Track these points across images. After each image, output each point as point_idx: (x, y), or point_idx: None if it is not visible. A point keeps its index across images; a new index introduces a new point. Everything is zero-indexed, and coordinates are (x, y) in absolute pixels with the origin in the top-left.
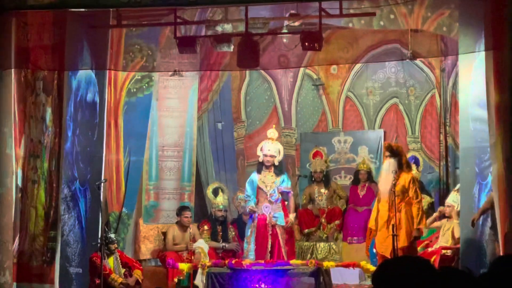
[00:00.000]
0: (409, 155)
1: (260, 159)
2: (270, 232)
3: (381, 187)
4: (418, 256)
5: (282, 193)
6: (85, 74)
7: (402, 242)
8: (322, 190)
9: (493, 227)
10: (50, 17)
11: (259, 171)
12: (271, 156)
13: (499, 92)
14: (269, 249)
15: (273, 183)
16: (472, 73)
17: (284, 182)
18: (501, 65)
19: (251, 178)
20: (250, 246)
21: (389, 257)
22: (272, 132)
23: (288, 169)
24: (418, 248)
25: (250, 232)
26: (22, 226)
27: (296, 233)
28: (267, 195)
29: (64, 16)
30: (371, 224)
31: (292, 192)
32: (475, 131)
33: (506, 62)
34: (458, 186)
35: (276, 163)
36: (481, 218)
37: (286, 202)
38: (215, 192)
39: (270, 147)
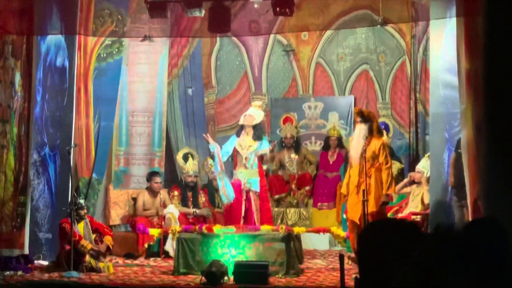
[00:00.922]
0: (379, 121)
1: (240, 121)
2: (245, 197)
3: (352, 152)
4: (403, 219)
5: (260, 156)
6: (54, 38)
7: (371, 207)
8: (293, 156)
9: (461, 193)
10: None
11: (238, 134)
12: (250, 115)
13: (470, 58)
14: (243, 214)
15: (250, 147)
16: (443, 40)
17: (262, 146)
18: (472, 31)
19: (229, 143)
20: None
21: (358, 222)
22: (256, 102)
23: None
24: (388, 214)
25: (222, 184)
26: None
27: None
28: (243, 158)
29: None
30: (343, 189)
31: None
32: (445, 98)
33: (478, 28)
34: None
35: (252, 123)
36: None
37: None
38: (185, 158)
39: (251, 111)
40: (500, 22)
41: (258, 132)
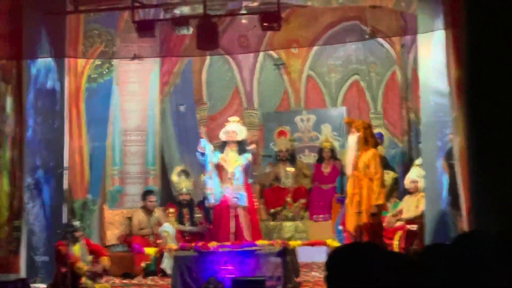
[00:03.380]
0: (374, 131)
1: (223, 138)
2: (234, 214)
3: (347, 164)
4: (369, 242)
5: (245, 169)
6: (44, 61)
7: (364, 218)
8: (288, 169)
9: (455, 202)
10: (6, 4)
11: (221, 151)
12: (233, 131)
13: (459, 67)
14: (232, 230)
15: (235, 162)
16: (432, 48)
17: (245, 158)
18: (460, 41)
19: (212, 156)
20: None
21: (354, 233)
22: (233, 118)
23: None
24: (384, 224)
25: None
26: None
27: (262, 213)
28: (228, 174)
29: (19, 3)
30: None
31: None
32: (437, 106)
33: (465, 39)
34: (419, 161)
35: (238, 139)
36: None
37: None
38: (180, 175)
39: (231, 126)
40: (479, 33)
41: (242, 147)
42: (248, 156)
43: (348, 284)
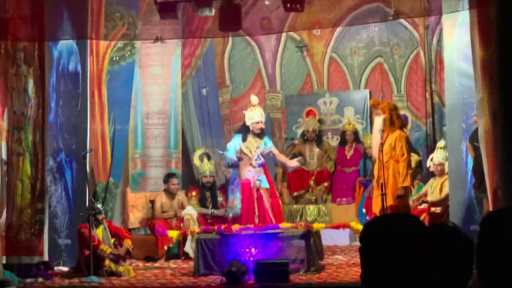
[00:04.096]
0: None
1: (247, 123)
2: (256, 196)
3: (373, 146)
4: (406, 213)
5: (266, 154)
6: (66, 44)
7: (390, 201)
8: (315, 149)
9: (480, 184)
10: None
11: (244, 139)
12: (257, 122)
13: (484, 48)
14: (257, 213)
15: (256, 148)
16: (456, 29)
17: (266, 145)
18: (485, 20)
19: (233, 144)
20: (234, 210)
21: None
22: (254, 98)
23: (274, 133)
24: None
25: (233, 196)
26: (8, 200)
27: (285, 196)
28: (251, 160)
29: None
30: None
31: (274, 149)
32: (461, 88)
33: (491, 17)
34: (441, 143)
35: (262, 127)
36: (470, 175)
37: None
38: (201, 158)
39: (254, 115)
40: (508, 13)
41: (262, 132)
42: (270, 145)
43: (384, 256)
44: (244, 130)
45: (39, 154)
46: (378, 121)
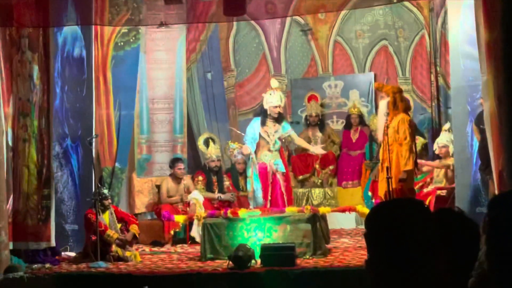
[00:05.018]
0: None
1: (265, 106)
2: (271, 181)
3: (378, 129)
4: (411, 198)
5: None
6: (70, 29)
7: (394, 184)
8: (318, 134)
9: (485, 166)
10: None
11: (263, 123)
12: (276, 107)
13: (489, 30)
14: (269, 197)
15: (275, 133)
16: (461, 11)
17: (285, 129)
18: (490, 3)
19: (252, 127)
20: (254, 194)
21: (384, 198)
22: (274, 82)
23: None
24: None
25: (251, 182)
26: (15, 186)
27: (291, 180)
28: (269, 144)
29: None
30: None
31: (293, 133)
32: (466, 70)
33: (496, 0)
34: (447, 125)
35: (281, 111)
36: (475, 157)
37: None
38: (206, 143)
39: (273, 99)
40: None
41: (280, 116)
42: (289, 129)
43: (389, 242)
44: (262, 114)
45: (45, 140)
46: (383, 104)
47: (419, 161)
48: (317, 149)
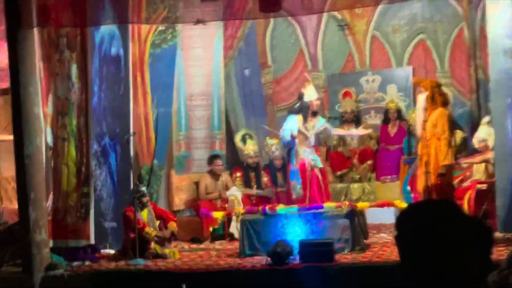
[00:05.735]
0: None
1: (310, 105)
2: (310, 177)
3: (416, 124)
4: (443, 199)
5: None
6: (108, 28)
7: (433, 179)
8: (353, 130)
9: None
10: None
11: (305, 118)
12: (318, 99)
13: None
14: (308, 194)
15: (313, 127)
16: (500, 4)
17: (321, 123)
18: None
19: (290, 123)
20: (296, 188)
21: (422, 194)
22: (309, 77)
23: None
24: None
25: (294, 178)
26: (55, 184)
27: (329, 175)
28: (307, 140)
29: None
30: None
31: (329, 125)
32: (506, 63)
33: None
34: (486, 119)
35: (318, 106)
36: None
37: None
38: (244, 139)
39: (313, 92)
40: None
41: (316, 111)
42: (324, 122)
43: (421, 245)
44: (304, 109)
45: (84, 139)
46: (421, 98)
47: (458, 159)
48: (360, 131)
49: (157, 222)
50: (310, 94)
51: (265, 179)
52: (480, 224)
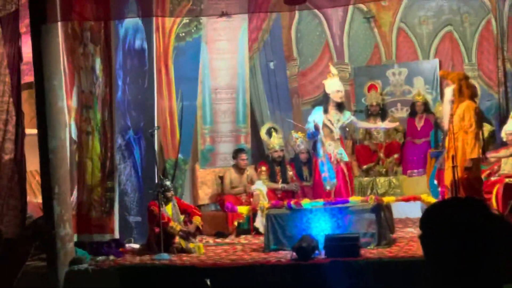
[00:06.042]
0: None
1: (331, 97)
2: (336, 170)
3: (444, 117)
4: (468, 196)
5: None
6: (132, 21)
7: (460, 173)
8: (379, 123)
9: None
10: None
11: (326, 110)
12: (339, 91)
13: None
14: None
15: (338, 121)
16: None
17: (346, 116)
18: None
19: (314, 115)
20: (329, 182)
21: (450, 188)
22: (334, 69)
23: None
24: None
25: (325, 169)
26: (79, 178)
27: (355, 169)
28: (332, 133)
29: None
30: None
31: (354, 118)
32: None
33: None
34: None
35: (341, 98)
36: None
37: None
38: (269, 133)
39: (335, 83)
40: None
41: (341, 104)
42: (349, 115)
43: (446, 244)
44: (325, 101)
45: (108, 133)
46: (448, 91)
47: (486, 153)
48: (388, 124)
49: (182, 217)
50: (331, 86)
51: (290, 173)
52: (506, 222)
